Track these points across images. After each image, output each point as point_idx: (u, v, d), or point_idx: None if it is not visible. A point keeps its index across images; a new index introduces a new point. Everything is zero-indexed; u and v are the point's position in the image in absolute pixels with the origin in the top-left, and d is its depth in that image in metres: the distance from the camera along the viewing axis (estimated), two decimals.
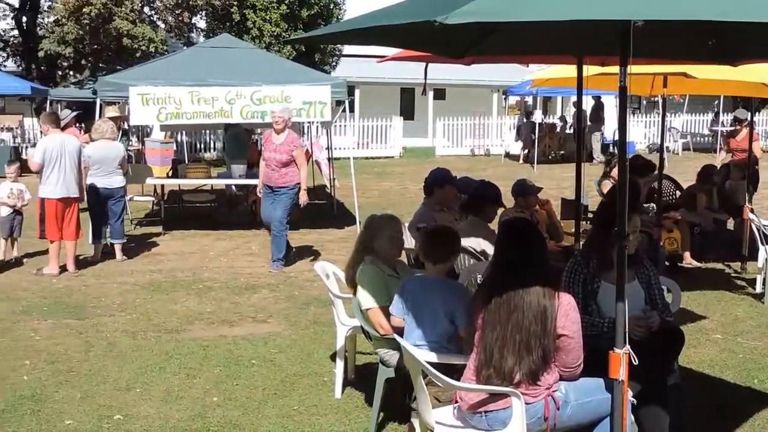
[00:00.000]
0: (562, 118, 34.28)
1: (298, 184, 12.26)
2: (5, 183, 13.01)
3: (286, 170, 12.21)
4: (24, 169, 13.99)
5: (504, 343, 4.81)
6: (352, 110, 27.50)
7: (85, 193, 12.46)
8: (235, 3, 29.79)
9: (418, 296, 5.75)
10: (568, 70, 9.50)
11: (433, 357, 5.49)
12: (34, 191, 12.68)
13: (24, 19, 34.69)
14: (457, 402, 5.06)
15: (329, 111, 15.03)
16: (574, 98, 29.82)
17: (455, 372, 5.18)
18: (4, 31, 36.95)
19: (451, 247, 5.93)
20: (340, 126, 28.51)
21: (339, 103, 16.42)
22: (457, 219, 8.57)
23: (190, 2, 29.34)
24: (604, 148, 30.04)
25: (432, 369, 4.93)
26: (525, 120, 33.10)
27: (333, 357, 7.64)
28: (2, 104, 35.91)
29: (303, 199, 12.33)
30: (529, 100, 39.32)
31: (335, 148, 21.53)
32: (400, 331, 5.81)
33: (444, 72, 23.14)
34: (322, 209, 18.63)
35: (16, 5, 34.94)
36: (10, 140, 30.20)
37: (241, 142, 17.54)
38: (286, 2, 29.99)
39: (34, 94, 29.56)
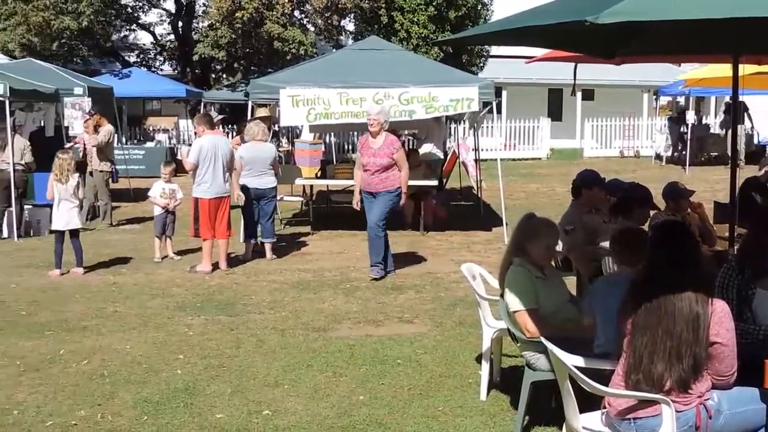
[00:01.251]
0: (699, 119, 33.24)
1: (400, 187, 11.90)
2: (159, 183, 13.41)
3: (387, 174, 11.79)
4: (179, 169, 14.39)
5: (654, 349, 4.71)
6: (499, 111, 27.39)
7: (236, 192, 12.75)
8: (384, 5, 30.00)
9: (608, 297, 5.64)
10: (723, 69, 9.26)
11: (580, 361, 5.41)
12: (187, 191, 13.04)
13: (180, 24, 35.69)
14: (605, 407, 4.98)
15: (476, 104, 14.94)
16: (727, 98, 29.05)
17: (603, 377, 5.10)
18: (161, 36, 38.10)
19: (644, 247, 5.84)
20: (487, 127, 28.42)
21: (486, 104, 16.36)
22: (606, 221, 8.42)
23: (340, 5, 29.62)
24: (761, 149, 29.03)
25: (580, 373, 4.87)
26: (677, 121, 32.22)
27: (478, 359, 7.61)
28: (159, 106, 37.06)
29: (403, 201, 12.04)
30: (681, 100, 38.38)
31: (482, 150, 21.46)
32: (589, 331, 5.71)
33: (593, 72, 22.72)
34: (469, 211, 18.61)
35: (173, 11, 35.99)
36: (166, 141, 31.17)
37: None
38: (434, 4, 30.04)
39: (189, 96, 30.49)
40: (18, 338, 8.80)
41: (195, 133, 12.88)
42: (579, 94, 33.88)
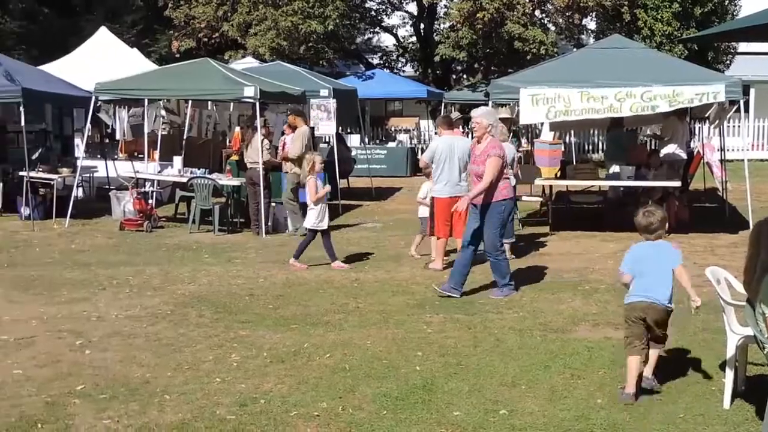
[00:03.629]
0: None
1: (505, 200, 10.67)
2: (426, 183, 13.54)
3: None
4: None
5: None
6: (746, 110, 26.36)
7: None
8: (626, 3, 29.43)
9: None
10: None
11: None
12: None
13: (422, 26, 36.26)
14: None
15: (723, 95, 14.43)
16: None
17: None
18: (403, 38, 38.82)
19: None
20: (734, 127, 27.43)
21: (733, 102, 15.79)
22: None
23: (581, 4, 29.27)
24: None
25: None
26: None
27: (722, 366, 7.36)
28: (400, 107, 37.75)
29: (461, 204, 10.76)
30: None
31: (728, 150, 20.73)
32: None
33: None
34: (714, 213, 18.01)
35: (415, 13, 36.60)
36: (407, 141, 31.71)
37: (620, 143, 17.38)
38: (679, 0, 29.23)
39: (430, 97, 30.92)
40: (266, 330, 9.19)
41: (435, 133, 13.06)
42: None
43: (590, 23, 33.92)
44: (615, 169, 16.59)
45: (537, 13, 31.41)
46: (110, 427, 6.45)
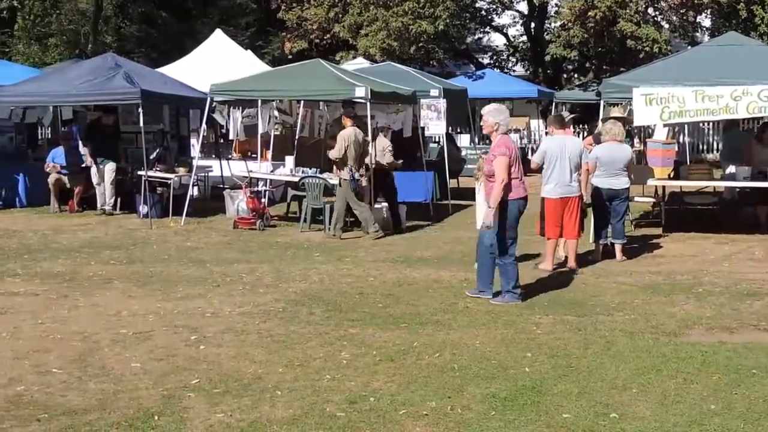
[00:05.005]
0: None
1: (518, 198, 10.21)
2: None
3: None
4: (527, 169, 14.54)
5: None
6: None
7: (588, 193, 12.74)
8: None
9: None
10: None
11: None
12: (535, 190, 13.13)
13: (532, 25, 36.06)
14: None
15: None
16: None
17: None
18: (513, 38, 38.63)
19: None
20: None
21: None
22: None
23: (695, 1, 28.73)
24: None
25: None
26: None
27: None
28: (511, 107, 37.54)
29: (487, 219, 10.12)
30: None
31: None
32: None
33: None
34: None
35: (526, 12, 36.41)
36: (517, 141, 31.55)
37: (736, 143, 16.98)
38: None
39: (540, 96, 30.74)
40: (375, 329, 9.26)
41: (546, 133, 12.99)
42: None
43: (705, 20, 33.27)
44: (731, 169, 16.23)
45: (650, 10, 30.93)
46: (223, 420, 6.59)
